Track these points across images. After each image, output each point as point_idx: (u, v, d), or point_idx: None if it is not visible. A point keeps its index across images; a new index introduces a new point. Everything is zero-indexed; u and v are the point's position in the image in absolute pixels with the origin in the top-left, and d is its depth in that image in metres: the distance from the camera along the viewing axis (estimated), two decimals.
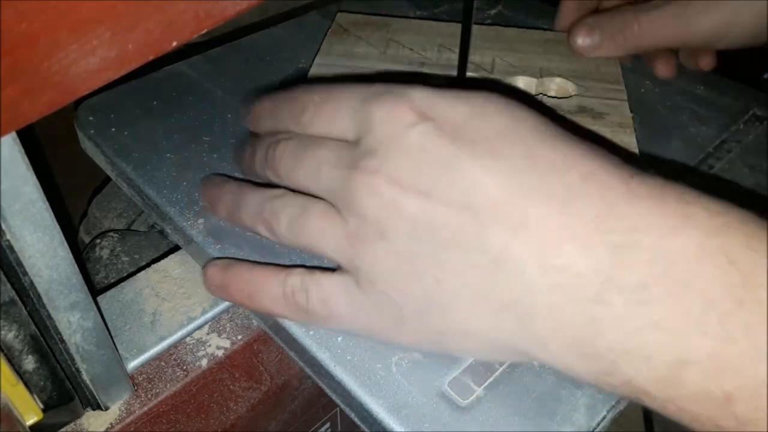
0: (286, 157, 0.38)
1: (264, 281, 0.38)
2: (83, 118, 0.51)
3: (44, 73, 0.22)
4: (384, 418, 0.34)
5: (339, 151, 0.36)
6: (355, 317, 0.36)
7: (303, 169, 0.37)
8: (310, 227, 0.36)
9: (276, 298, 0.38)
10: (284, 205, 0.38)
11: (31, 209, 0.28)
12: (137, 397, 0.40)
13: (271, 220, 0.38)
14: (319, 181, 0.36)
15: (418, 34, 0.58)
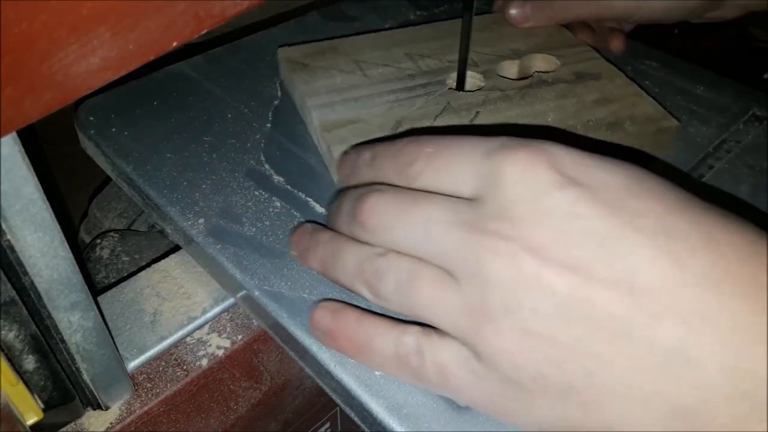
0: (380, 211, 0.34)
1: (376, 336, 0.35)
2: (83, 119, 0.51)
3: (44, 73, 0.22)
4: (384, 417, 0.34)
5: (454, 207, 0.31)
6: (474, 394, 0.32)
7: (403, 227, 0.33)
8: (420, 295, 0.32)
9: (388, 356, 0.34)
10: (390, 267, 0.33)
11: (32, 209, 0.28)
12: (137, 397, 0.41)
13: (374, 281, 0.34)
14: (427, 243, 0.32)
15: (377, 48, 0.54)
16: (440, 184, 0.33)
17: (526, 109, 0.49)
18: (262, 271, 0.40)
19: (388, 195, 0.34)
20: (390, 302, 0.34)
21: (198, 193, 0.45)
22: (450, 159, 0.33)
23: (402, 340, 0.33)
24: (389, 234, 0.34)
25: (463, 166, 0.32)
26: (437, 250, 0.32)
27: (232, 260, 0.41)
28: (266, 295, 0.39)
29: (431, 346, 0.33)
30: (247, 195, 0.45)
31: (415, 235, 0.32)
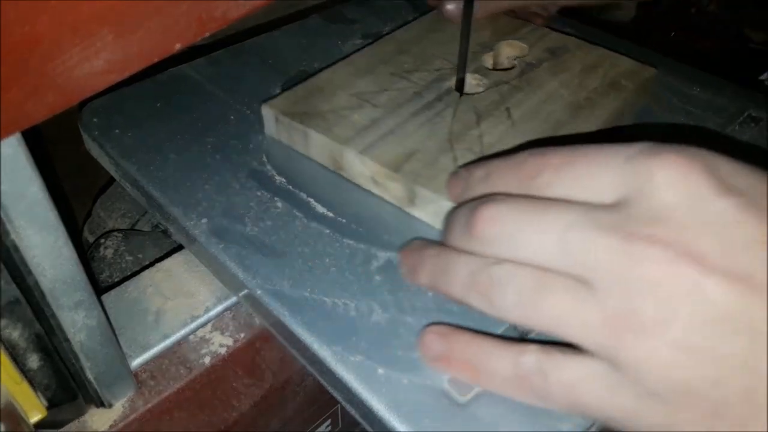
0: (503, 220, 0.32)
1: (492, 358, 0.33)
2: (87, 120, 0.52)
3: (48, 75, 0.23)
4: (384, 415, 0.35)
5: (593, 213, 0.30)
6: (609, 410, 0.30)
7: (535, 235, 0.31)
8: (550, 307, 0.30)
9: (506, 378, 0.33)
10: (510, 276, 0.31)
11: (36, 209, 0.29)
12: (141, 395, 0.41)
13: (491, 291, 0.32)
14: (563, 251, 0.30)
15: (360, 76, 0.52)
16: (573, 192, 0.31)
17: (540, 94, 0.50)
18: (264, 270, 0.41)
19: (510, 204, 0.32)
20: (509, 313, 0.32)
21: (201, 194, 0.46)
22: (584, 167, 0.31)
23: (521, 360, 0.32)
24: (513, 243, 0.32)
25: (600, 172, 0.31)
26: (574, 258, 0.30)
27: (235, 259, 0.41)
28: (268, 293, 0.39)
29: (554, 365, 0.31)
30: (250, 195, 0.45)
31: (548, 244, 0.30)
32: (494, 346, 0.33)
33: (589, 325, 0.29)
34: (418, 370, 0.36)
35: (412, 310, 0.39)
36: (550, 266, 0.31)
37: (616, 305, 0.28)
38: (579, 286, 0.30)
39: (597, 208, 0.30)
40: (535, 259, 0.31)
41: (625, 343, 0.28)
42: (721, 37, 0.77)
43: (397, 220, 0.44)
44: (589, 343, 0.30)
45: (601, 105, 0.50)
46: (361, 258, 0.41)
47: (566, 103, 0.50)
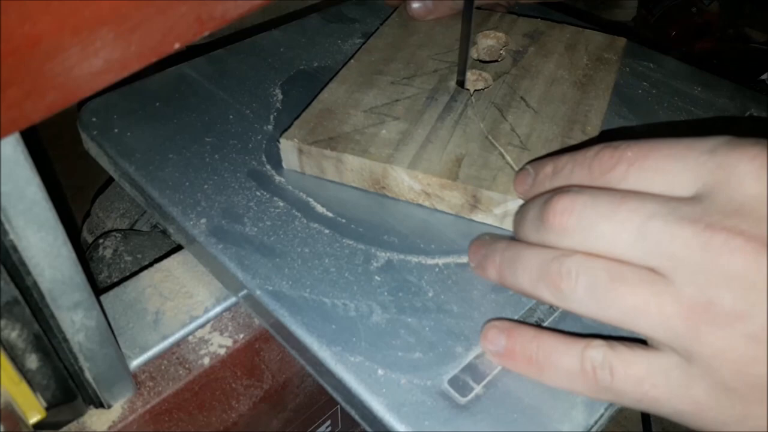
0: (579, 211, 0.32)
1: (556, 353, 0.33)
2: (86, 120, 0.51)
3: (47, 75, 0.23)
4: (384, 416, 0.35)
5: (672, 205, 0.30)
6: (679, 404, 0.31)
7: (612, 226, 0.31)
8: (625, 297, 0.30)
9: (572, 372, 0.33)
10: (583, 267, 0.32)
11: (35, 209, 0.29)
12: (140, 396, 0.41)
13: (561, 282, 0.32)
14: (641, 242, 0.30)
15: (364, 91, 0.51)
16: (651, 185, 0.31)
17: (543, 79, 0.52)
18: (263, 270, 0.40)
19: (586, 195, 0.32)
20: (581, 305, 0.32)
21: (200, 194, 0.45)
22: (662, 159, 0.31)
23: (587, 355, 0.32)
24: (589, 234, 0.32)
25: (679, 164, 0.31)
26: (652, 249, 0.30)
27: (234, 260, 0.41)
28: (267, 294, 0.39)
29: (621, 359, 0.31)
30: (249, 195, 0.45)
31: (626, 235, 0.31)
32: (559, 341, 0.34)
33: (664, 317, 0.29)
34: (417, 371, 0.36)
35: (412, 311, 0.39)
36: (626, 258, 0.31)
37: (694, 296, 0.28)
38: (655, 277, 0.30)
39: (677, 200, 0.30)
40: (610, 250, 0.31)
41: (702, 334, 0.28)
42: (722, 37, 0.77)
43: (397, 220, 0.44)
44: (664, 335, 0.30)
45: (600, 79, 0.52)
46: (361, 258, 0.41)
47: (570, 83, 0.51)
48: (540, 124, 0.47)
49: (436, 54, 0.54)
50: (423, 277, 0.40)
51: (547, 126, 0.47)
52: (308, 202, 0.45)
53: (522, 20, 0.59)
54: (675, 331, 0.29)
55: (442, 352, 0.37)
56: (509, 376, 0.36)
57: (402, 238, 0.43)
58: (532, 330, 0.35)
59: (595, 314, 0.32)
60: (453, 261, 0.41)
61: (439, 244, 0.42)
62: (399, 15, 0.60)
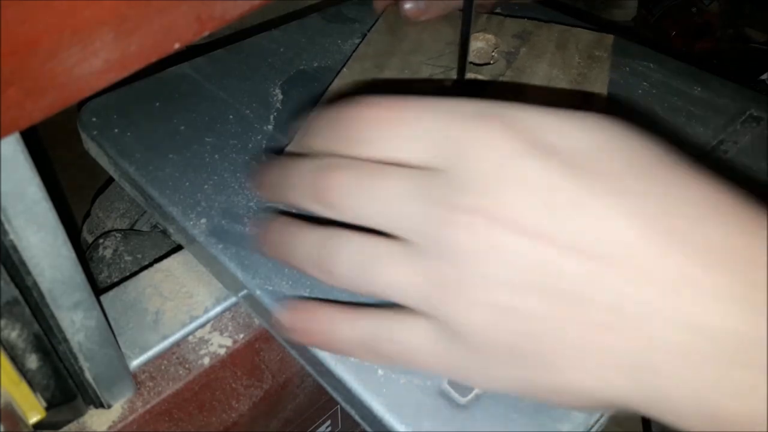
0: (339, 186, 0.32)
1: (335, 324, 0.34)
2: (86, 119, 0.51)
3: (47, 75, 0.23)
4: (384, 416, 0.35)
5: (417, 180, 0.30)
6: (440, 366, 0.32)
7: (369, 203, 0.31)
8: (381, 271, 0.31)
9: (350, 342, 0.34)
10: (344, 245, 0.33)
11: (35, 209, 0.29)
12: (140, 396, 0.41)
13: (328, 261, 0.33)
14: (392, 218, 0.31)
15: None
16: (397, 154, 0.31)
17: (539, 80, 0.52)
18: (263, 270, 0.40)
19: (351, 171, 0.32)
20: (346, 281, 0.33)
21: (200, 194, 0.45)
22: (405, 126, 0.31)
23: (360, 324, 0.33)
24: (355, 212, 0.32)
25: (419, 134, 0.31)
26: (401, 225, 0.31)
27: (234, 260, 0.41)
28: (268, 294, 0.39)
29: (387, 327, 0.33)
30: (249, 195, 0.45)
31: (381, 212, 0.31)
32: (340, 313, 0.35)
33: (417, 289, 0.30)
34: (417, 371, 0.36)
35: None
36: (387, 231, 0.32)
37: (441, 270, 0.30)
38: (408, 249, 0.31)
39: (417, 174, 0.30)
40: (372, 225, 0.32)
41: (449, 305, 0.30)
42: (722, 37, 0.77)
43: None
44: (418, 306, 0.31)
45: (594, 77, 0.52)
46: None
47: (566, 82, 0.52)
48: None
49: (429, 59, 0.54)
50: None
51: None
52: None
53: (509, 21, 0.59)
54: (424, 302, 0.31)
55: None
56: None
57: None
58: (315, 305, 0.36)
59: (360, 290, 0.33)
60: None
61: None
62: (385, 21, 0.60)
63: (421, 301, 0.31)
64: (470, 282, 0.29)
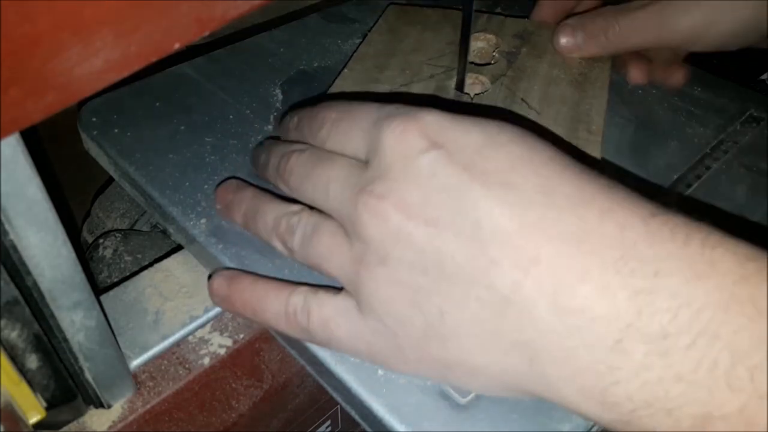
0: (297, 169, 0.38)
1: (267, 297, 0.38)
2: (86, 119, 0.51)
3: (48, 75, 0.23)
4: (384, 416, 0.35)
5: (349, 169, 0.35)
6: (355, 342, 0.35)
7: (312, 185, 0.37)
8: (319, 246, 0.36)
9: (278, 315, 0.37)
10: (299, 222, 0.37)
11: (35, 209, 0.28)
12: (140, 396, 0.41)
13: (285, 236, 0.38)
14: (328, 199, 0.36)
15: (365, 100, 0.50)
16: (343, 147, 0.37)
17: (540, 80, 0.53)
18: (263, 270, 0.40)
19: (304, 155, 0.38)
20: (298, 255, 0.38)
21: (200, 194, 0.45)
22: (349, 125, 0.37)
23: (290, 299, 0.37)
24: (302, 192, 0.38)
25: (357, 131, 0.36)
26: (334, 207, 0.35)
27: (234, 260, 0.41)
28: None
29: (317, 302, 0.36)
30: None
31: (320, 193, 0.36)
32: (270, 288, 0.38)
33: (342, 264, 0.35)
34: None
35: None
36: (325, 211, 0.37)
37: (357, 248, 0.34)
38: (341, 229, 0.35)
39: (353, 164, 0.35)
40: (318, 206, 0.37)
41: (360, 280, 0.34)
42: None
43: None
44: (343, 281, 0.35)
45: (595, 77, 0.53)
46: None
47: (567, 83, 0.52)
48: (545, 125, 0.47)
49: (430, 59, 0.54)
50: None
51: (552, 127, 0.47)
52: None
53: (510, 21, 0.59)
54: (347, 276, 0.35)
55: None
56: None
57: None
58: (251, 277, 0.40)
59: (305, 262, 0.38)
60: None
61: None
62: (385, 20, 0.60)
63: (345, 274, 0.35)
64: (375, 258, 0.33)
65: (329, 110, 0.39)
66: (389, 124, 0.34)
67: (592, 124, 0.48)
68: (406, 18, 0.60)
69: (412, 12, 0.61)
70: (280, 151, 0.40)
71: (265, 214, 0.40)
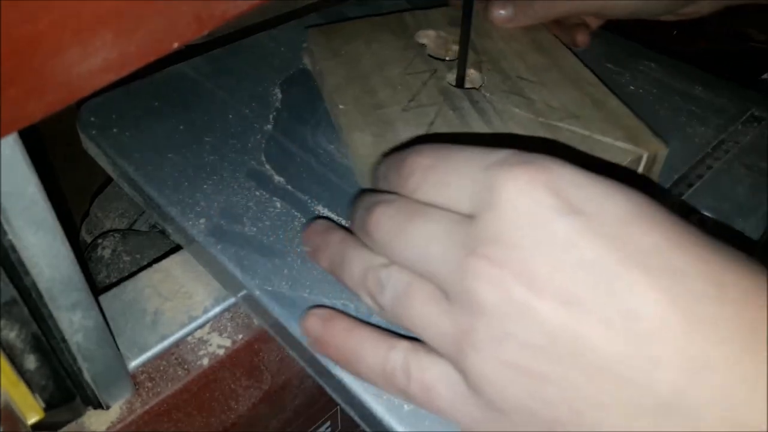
0: (384, 224, 0.33)
1: (363, 349, 0.34)
2: (85, 119, 0.51)
3: (47, 74, 0.22)
4: (384, 416, 0.35)
5: (450, 225, 0.30)
6: (457, 415, 0.31)
7: (403, 242, 0.32)
8: (413, 310, 0.31)
9: (374, 371, 0.34)
10: (389, 278, 0.33)
11: (33, 209, 0.28)
12: (138, 396, 0.41)
13: (375, 291, 0.33)
14: (423, 261, 0.31)
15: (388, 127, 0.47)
16: (438, 198, 0.31)
17: (513, 55, 0.54)
18: (262, 270, 0.40)
19: (392, 208, 0.33)
20: (388, 314, 0.33)
21: (199, 193, 0.45)
22: (447, 172, 0.31)
23: (389, 356, 0.33)
24: (390, 248, 0.33)
25: (460, 180, 0.31)
26: (432, 269, 0.30)
27: (233, 260, 0.41)
28: (267, 294, 0.39)
29: (418, 364, 0.32)
30: (248, 195, 0.45)
31: (412, 252, 0.31)
32: (368, 338, 0.34)
33: (443, 335, 0.30)
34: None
35: None
36: (422, 274, 0.31)
37: (462, 320, 0.29)
38: (439, 294, 0.30)
39: (454, 219, 0.30)
40: (409, 265, 0.32)
41: (468, 357, 0.29)
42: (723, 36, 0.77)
43: None
44: (444, 352, 0.31)
45: (546, 39, 0.56)
46: None
47: (532, 50, 0.54)
48: (557, 93, 0.49)
49: (406, 69, 0.53)
50: None
51: (563, 91, 0.49)
52: (308, 202, 0.45)
53: (432, 12, 0.60)
54: (450, 349, 0.30)
55: None
56: None
57: None
58: (348, 322, 0.36)
59: (399, 324, 0.33)
60: None
61: None
62: (318, 46, 0.56)
63: (445, 345, 0.30)
64: (488, 336, 0.28)
65: (419, 154, 0.33)
66: (509, 171, 0.29)
67: (588, 78, 0.50)
68: (336, 38, 0.57)
69: (335, 30, 0.58)
70: (366, 202, 0.35)
71: (351, 264, 0.35)
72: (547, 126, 0.46)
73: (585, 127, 0.45)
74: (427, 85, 0.51)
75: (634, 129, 0.46)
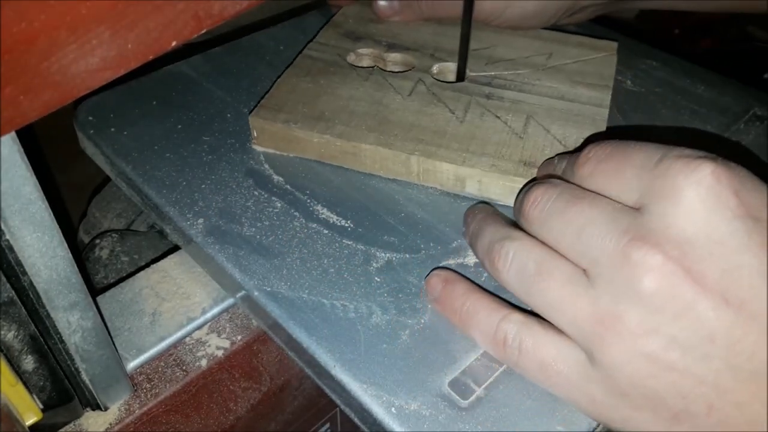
0: (543, 203, 0.34)
1: (477, 314, 0.35)
2: (83, 118, 0.51)
3: (44, 73, 0.22)
4: (384, 418, 0.34)
5: (615, 213, 0.30)
6: (575, 395, 0.32)
7: (560, 223, 0.32)
8: (548, 290, 0.32)
9: (486, 336, 0.35)
10: (519, 253, 0.34)
11: (31, 209, 0.28)
12: (137, 398, 0.40)
13: (499, 260, 0.34)
14: (576, 242, 0.31)
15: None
16: (607, 186, 0.32)
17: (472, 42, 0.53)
18: (261, 271, 0.40)
19: (555, 189, 0.34)
20: (510, 286, 0.34)
21: (197, 193, 0.45)
22: (619, 163, 0.32)
23: (502, 327, 0.34)
24: (543, 226, 0.33)
25: (631, 170, 0.31)
26: (586, 252, 0.31)
27: (232, 260, 0.41)
28: (265, 295, 0.39)
29: (533, 340, 0.33)
30: (247, 195, 0.45)
31: (568, 234, 0.32)
32: (483, 305, 0.35)
33: (577, 318, 0.30)
34: (418, 373, 0.36)
35: (411, 312, 0.38)
36: (566, 254, 0.32)
37: (606, 306, 0.29)
38: (580, 278, 0.31)
39: (621, 207, 0.31)
40: (556, 244, 0.33)
41: (606, 344, 0.29)
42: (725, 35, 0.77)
43: (397, 219, 0.44)
44: (574, 334, 0.31)
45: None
46: (361, 259, 0.41)
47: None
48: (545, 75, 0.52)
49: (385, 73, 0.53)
50: (423, 277, 0.40)
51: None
52: (307, 202, 0.45)
53: (325, 29, 0.58)
54: (584, 333, 0.30)
55: (442, 354, 0.36)
56: (511, 379, 0.36)
57: (402, 238, 0.42)
58: (465, 286, 0.37)
59: (521, 297, 0.34)
60: (454, 261, 0.41)
61: (440, 244, 0.42)
62: (286, 81, 0.52)
63: (578, 329, 0.31)
64: (638, 326, 0.28)
65: (598, 145, 0.33)
66: (693, 165, 0.28)
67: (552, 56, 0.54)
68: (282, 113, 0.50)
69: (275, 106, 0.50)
70: (530, 186, 0.36)
71: (484, 234, 0.37)
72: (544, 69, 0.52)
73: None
74: (416, 91, 0.51)
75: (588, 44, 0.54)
